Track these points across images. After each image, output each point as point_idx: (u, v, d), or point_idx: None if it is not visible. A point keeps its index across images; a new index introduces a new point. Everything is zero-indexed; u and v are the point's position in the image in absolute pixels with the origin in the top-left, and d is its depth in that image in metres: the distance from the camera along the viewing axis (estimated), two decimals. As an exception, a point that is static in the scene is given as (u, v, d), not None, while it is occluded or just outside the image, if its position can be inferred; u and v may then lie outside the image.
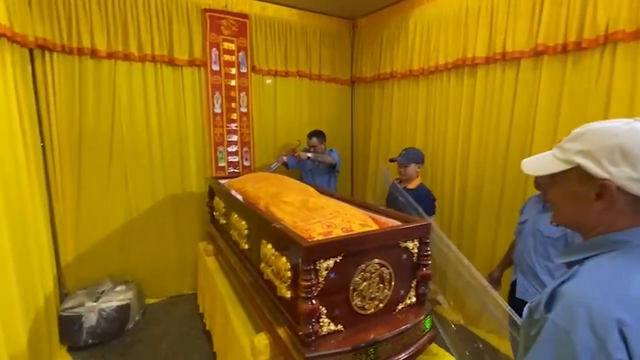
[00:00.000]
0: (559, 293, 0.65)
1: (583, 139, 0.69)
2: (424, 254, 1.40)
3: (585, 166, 0.67)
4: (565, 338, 0.60)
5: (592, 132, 0.69)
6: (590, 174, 0.66)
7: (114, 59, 2.72)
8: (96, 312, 2.52)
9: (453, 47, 2.83)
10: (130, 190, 2.95)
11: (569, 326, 0.60)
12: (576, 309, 0.60)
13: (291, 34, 3.51)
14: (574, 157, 0.69)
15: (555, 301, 0.65)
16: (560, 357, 0.60)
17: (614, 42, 1.96)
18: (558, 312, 0.63)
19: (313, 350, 1.18)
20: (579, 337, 0.58)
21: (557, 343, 0.61)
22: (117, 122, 2.82)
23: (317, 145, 3.18)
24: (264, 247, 1.56)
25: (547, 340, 0.63)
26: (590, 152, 0.67)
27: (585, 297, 0.61)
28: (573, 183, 0.71)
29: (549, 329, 0.63)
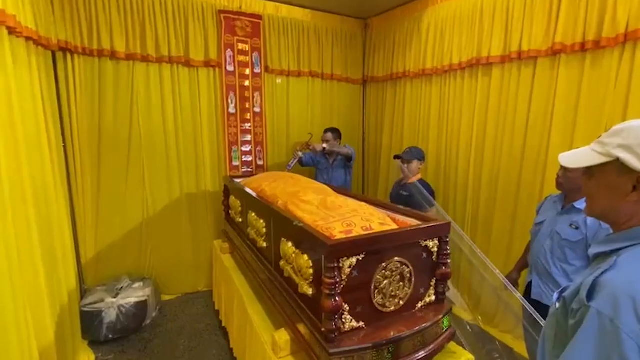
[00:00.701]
0: (601, 283, 0.68)
1: (624, 134, 0.72)
2: (443, 253, 1.41)
3: (625, 159, 0.71)
4: (610, 326, 0.63)
5: (633, 128, 0.72)
6: (630, 167, 0.70)
7: (133, 60, 2.78)
8: (115, 307, 2.59)
9: (467, 46, 2.82)
10: (148, 189, 3.01)
11: (613, 314, 0.63)
12: (620, 297, 0.64)
13: (304, 34, 3.54)
14: (613, 150, 0.73)
15: (597, 291, 0.68)
16: (606, 342, 0.63)
17: (635, 40, 1.94)
18: (601, 301, 0.66)
19: (336, 346, 1.21)
20: (624, 324, 0.62)
21: (602, 330, 0.64)
22: (135, 122, 2.88)
23: (332, 141, 3.18)
24: (284, 245, 1.59)
25: (591, 328, 0.66)
26: (631, 147, 0.70)
27: (628, 286, 0.64)
28: (611, 175, 0.74)
29: (592, 317, 0.66)
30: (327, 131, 3.23)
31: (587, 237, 1.63)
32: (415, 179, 2.55)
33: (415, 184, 2.51)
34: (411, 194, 2.50)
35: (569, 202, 1.74)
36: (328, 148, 3.09)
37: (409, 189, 2.52)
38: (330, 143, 3.17)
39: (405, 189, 2.57)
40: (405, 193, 2.55)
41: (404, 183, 2.60)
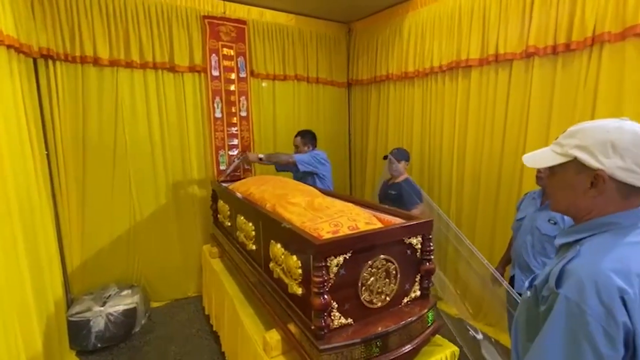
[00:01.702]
0: (568, 271, 0.74)
1: (580, 135, 0.79)
2: (427, 250, 1.47)
3: (581, 158, 0.77)
4: (576, 309, 0.68)
5: (587, 130, 0.78)
6: (586, 165, 0.76)
7: (116, 66, 2.77)
8: (104, 316, 2.56)
9: (447, 49, 2.92)
10: (134, 196, 2.99)
11: (579, 298, 0.69)
12: (585, 283, 0.69)
13: (289, 38, 3.58)
14: (571, 150, 0.79)
15: (564, 278, 0.73)
16: (574, 326, 0.69)
17: (601, 43, 2.06)
18: (568, 287, 0.71)
19: (325, 342, 1.24)
20: (589, 307, 0.67)
21: (570, 314, 0.69)
22: (120, 128, 2.87)
23: (300, 146, 3.02)
24: (273, 247, 1.62)
25: (560, 314, 0.71)
26: (586, 147, 0.76)
27: (591, 272, 0.70)
28: (570, 174, 0.80)
29: (561, 303, 0.71)
30: (297, 135, 3.09)
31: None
32: (402, 178, 2.66)
33: (405, 180, 2.63)
34: (400, 192, 2.60)
35: (547, 199, 1.83)
36: (265, 159, 2.90)
37: (398, 187, 2.63)
38: (297, 149, 3.02)
39: (393, 188, 2.67)
40: (393, 192, 2.65)
41: (392, 182, 2.70)
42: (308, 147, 3.02)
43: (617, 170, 0.73)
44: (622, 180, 0.74)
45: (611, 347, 0.66)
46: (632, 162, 0.72)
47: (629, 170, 0.73)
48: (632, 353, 0.68)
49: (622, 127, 0.75)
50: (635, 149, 0.73)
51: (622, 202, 0.76)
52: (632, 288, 0.67)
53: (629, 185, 0.74)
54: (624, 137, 0.73)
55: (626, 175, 0.73)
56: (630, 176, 0.73)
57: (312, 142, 3.06)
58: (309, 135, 3.06)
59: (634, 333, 0.66)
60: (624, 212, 0.76)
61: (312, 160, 2.85)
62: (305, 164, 2.82)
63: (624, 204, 0.76)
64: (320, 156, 2.91)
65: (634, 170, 0.73)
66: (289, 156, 2.87)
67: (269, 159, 2.92)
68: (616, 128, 0.75)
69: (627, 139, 0.73)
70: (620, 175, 0.73)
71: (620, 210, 0.77)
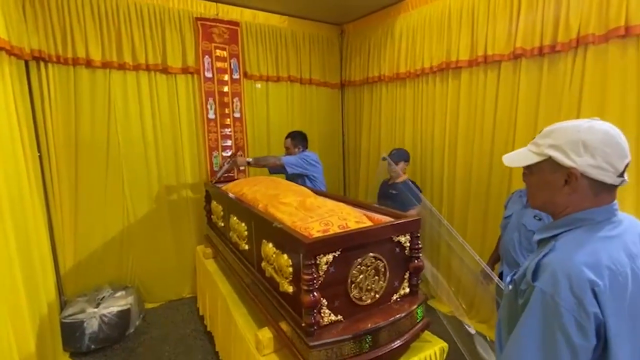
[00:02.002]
0: (543, 265, 0.77)
1: (554, 135, 0.82)
2: (415, 247, 1.50)
3: (555, 157, 0.80)
4: (551, 301, 0.72)
5: (560, 130, 0.82)
6: (560, 163, 0.80)
7: (109, 68, 2.78)
8: (97, 317, 2.56)
9: (437, 51, 2.96)
10: (128, 197, 2.99)
11: (553, 291, 0.72)
12: (558, 276, 0.72)
13: (281, 40, 3.61)
14: (546, 150, 0.82)
15: (540, 272, 0.77)
16: (549, 317, 0.72)
17: (585, 44, 2.11)
18: (543, 281, 0.75)
19: (315, 339, 1.27)
20: (562, 299, 0.70)
21: (545, 306, 0.73)
22: (113, 130, 2.87)
23: (290, 148, 2.99)
24: (265, 247, 1.64)
25: (536, 306, 0.74)
26: (559, 146, 0.80)
27: (565, 265, 0.73)
28: (546, 172, 0.84)
29: (537, 295, 0.74)
30: (287, 137, 3.05)
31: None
32: (403, 178, 2.74)
33: (405, 182, 2.70)
34: (401, 192, 2.68)
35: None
36: (253, 163, 2.90)
37: (399, 187, 2.70)
38: (288, 151, 3.00)
39: (394, 187, 2.74)
40: (394, 192, 2.73)
41: (393, 182, 2.77)
42: (298, 149, 3.00)
43: (589, 168, 0.77)
44: (593, 178, 0.77)
45: (583, 337, 0.69)
46: (602, 160, 0.76)
47: (600, 167, 0.76)
48: (603, 343, 0.71)
49: (593, 127, 0.78)
50: (605, 148, 0.76)
51: (595, 198, 0.80)
52: (602, 280, 0.70)
53: (600, 182, 0.78)
54: (594, 136, 0.77)
55: (597, 173, 0.77)
56: (601, 173, 0.77)
57: (303, 144, 3.03)
58: (299, 137, 3.04)
59: (605, 323, 0.70)
60: (597, 208, 0.80)
61: (301, 162, 2.84)
62: (293, 166, 2.82)
63: (596, 200, 0.80)
64: (311, 157, 2.89)
65: (604, 167, 0.76)
66: (277, 158, 2.86)
67: (258, 162, 2.91)
68: (587, 128, 0.78)
69: (598, 138, 0.77)
70: (592, 173, 0.77)
71: (593, 206, 0.80)
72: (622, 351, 0.71)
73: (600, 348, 0.72)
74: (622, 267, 0.72)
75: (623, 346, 0.71)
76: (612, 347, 0.70)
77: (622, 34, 1.92)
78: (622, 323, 0.71)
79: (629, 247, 0.76)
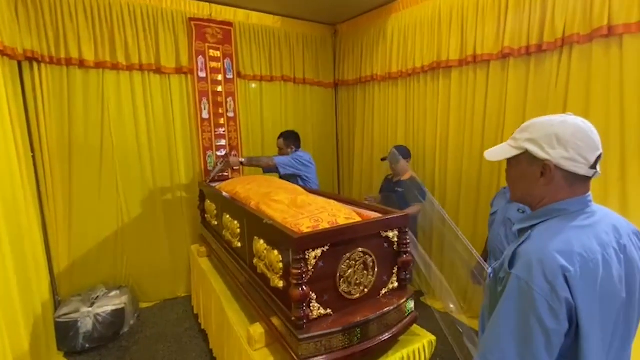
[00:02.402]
0: (519, 253, 0.81)
1: (530, 129, 0.86)
2: (403, 242, 1.53)
3: (531, 150, 0.84)
4: (526, 287, 0.75)
5: (535, 124, 0.86)
6: (536, 156, 0.84)
7: (102, 68, 2.79)
8: (92, 317, 2.57)
9: (428, 51, 3.00)
10: (122, 197, 3.01)
11: (528, 277, 0.75)
12: (533, 262, 0.76)
13: (275, 40, 3.63)
14: (523, 144, 0.86)
15: (516, 260, 0.81)
16: (523, 302, 0.76)
17: (570, 44, 2.15)
18: (519, 268, 0.78)
19: (305, 332, 1.30)
20: (536, 284, 0.74)
21: (520, 291, 0.76)
22: (107, 130, 2.88)
23: (283, 148, 2.99)
24: (257, 243, 1.67)
25: (512, 291, 0.78)
26: (535, 140, 0.84)
27: (538, 253, 0.77)
28: (524, 165, 0.88)
29: (513, 282, 0.78)
30: (279, 137, 3.05)
31: None
32: (408, 176, 2.82)
33: (410, 179, 2.79)
34: (406, 189, 2.76)
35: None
36: (246, 163, 2.90)
37: (404, 185, 2.78)
38: (281, 151, 3.01)
39: (399, 185, 2.82)
40: (400, 189, 2.80)
41: (398, 180, 2.85)
42: (291, 149, 2.99)
43: (562, 160, 0.81)
44: (567, 169, 0.81)
45: (555, 321, 0.73)
46: (574, 152, 0.80)
47: (572, 159, 0.80)
48: (575, 328, 0.75)
49: (566, 121, 0.82)
50: (577, 140, 0.80)
51: (569, 189, 0.83)
52: (573, 266, 0.73)
53: (573, 174, 0.82)
54: (567, 130, 0.81)
55: (570, 165, 0.80)
56: (574, 165, 0.80)
57: (296, 144, 3.03)
58: (291, 137, 3.03)
59: (576, 308, 0.73)
60: (571, 199, 0.84)
61: (293, 162, 2.85)
62: (285, 167, 2.83)
63: (571, 191, 0.84)
64: (304, 158, 2.89)
65: (577, 159, 0.80)
66: (270, 159, 2.88)
67: (251, 162, 2.91)
68: (560, 122, 0.82)
69: (570, 131, 0.80)
70: (565, 165, 0.81)
71: (568, 197, 0.84)
72: (593, 334, 0.74)
73: (573, 333, 0.75)
74: (593, 255, 0.76)
75: (594, 330, 0.74)
76: (583, 331, 0.74)
77: (605, 33, 1.97)
78: (593, 307, 0.74)
79: (601, 236, 0.79)
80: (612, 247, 0.79)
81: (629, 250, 0.81)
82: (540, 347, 0.73)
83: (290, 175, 2.87)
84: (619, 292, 0.78)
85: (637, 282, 0.82)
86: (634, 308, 0.82)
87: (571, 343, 0.76)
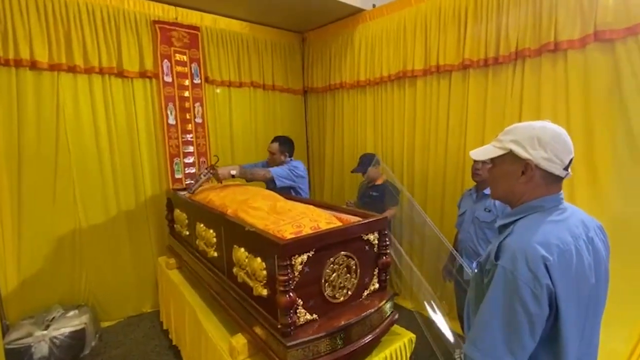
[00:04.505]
0: (504, 246, 0.88)
1: (514, 132, 0.96)
2: (383, 244, 1.59)
3: (515, 150, 0.93)
4: (511, 276, 0.83)
5: (519, 128, 0.96)
6: (518, 156, 0.92)
7: (57, 70, 2.60)
8: (47, 340, 2.36)
9: (395, 60, 3.14)
10: (80, 208, 2.80)
11: (512, 267, 0.83)
12: (516, 253, 0.84)
13: (243, 45, 3.60)
14: (507, 145, 0.95)
15: (501, 252, 0.88)
16: (509, 290, 0.83)
17: (523, 57, 2.36)
18: (504, 259, 0.86)
19: (292, 339, 1.29)
20: (520, 273, 0.82)
21: (506, 281, 0.84)
22: (62, 136, 2.68)
23: (276, 153, 2.78)
24: (237, 252, 1.64)
25: (499, 281, 0.85)
26: (519, 141, 0.93)
27: (521, 244, 0.85)
28: (507, 164, 0.97)
29: (499, 272, 0.85)
30: (274, 141, 2.84)
31: (499, 216, 1.96)
32: (381, 180, 2.91)
33: (384, 184, 2.89)
34: (381, 193, 2.86)
35: (481, 191, 2.06)
36: (238, 175, 2.48)
37: (379, 189, 2.88)
38: (272, 157, 2.80)
39: (375, 189, 2.90)
40: (375, 193, 2.89)
41: (373, 184, 2.93)
42: (285, 156, 2.78)
43: (542, 160, 0.90)
44: (545, 169, 0.91)
45: (538, 306, 0.81)
46: (552, 154, 0.90)
47: (550, 160, 0.90)
48: (555, 312, 0.83)
49: (546, 127, 0.93)
50: (555, 144, 0.90)
51: (546, 188, 0.93)
52: (552, 256, 0.82)
53: (550, 174, 0.91)
54: (546, 133, 0.91)
55: (548, 165, 0.90)
56: (552, 166, 0.90)
57: (290, 151, 2.82)
58: (288, 143, 2.82)
59: (555, 293, 0.82)
60: (547, 197, 0.93)
61: (290, 174, 2.63)
62: (283, 179, 2.59)
63: (547, 189, 0.93)
64: (299, 168, 2.69)
65: (554, 160, 0.90)
66: (266, 171, 2.58)
67: (244, 175, 2.53)
68: (541, 127, 0.93)
69: (549, 135, 0.91)
70: (544, 165, 0.90)
71: (544, 195, 0.94)
72: (570, 317, 0.84)
73: (553, 317, 0.84)
74: (568, 246, 0.85)
75: (570, 312, 0.84)
76: (561, 314, 0.83)
77: (552, 48, 2.19)
78: (569, 292, 0.83)
79: (572, 229, 0.89)
80: (582, 239, 0.89)
81: (596, 242, 0.92)
82: (525, 331, 0.81)
83: (287, 187, 2.65)
84: (589, 279, 0.88)
85: (602, 269, 0.93)
86: (600, 292, 0.93)
87: (550, 327, 0.84)
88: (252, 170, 2.60)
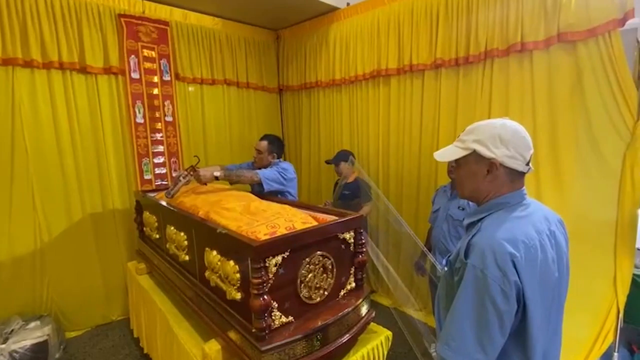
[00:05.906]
0: (473, 244, 0.89)
1: (476, 131, 0.96)
2: (359, 243, 1.58)
3: (479, 150, 0.93)
4: (481, 274, 0.83)
5: (480, 127, 0.96)
6: (482, 155, 0.93)
7: (12, 65, 2.42)
8: (6, 355, 2.20)
9: (369, 59, 3.15)
10: (40, 212, 2.62)
11: (482, 265, 0.84)
12: (485, 252, 0.84)
13: (215, 42, 3.50)
14: (471, 145, 0.95)
15: (470, 250, 0.88)
16: (479, 288, 0.84)
17: (492, 57, 2.43)
18: (474, 257, 0.86)
19: (267, 343, 1.26)
20: (489, 271, 0.82)
21: (476, 279, 0.84)
22: (19, 135, 2.50)
23: (264, 153, 2.58)
24: (209, 255, 1.58)
25: (469, 280, 0.86)
26: (482, 141, 0.93)
27: (489, 243, 0.86)
28: (471, 164, 0.97)
29: (469, 271, 0.86)
30: (263, 139, 2.64)
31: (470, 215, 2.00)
32: (352, 178, 2.92)
33: (355, 181, 2.90)
34: (352, 191, 2.87)
35: (455, 190, 2.10)
36: (223, 177, 2.26)
37: (350, 187, 2.89)
38: (259, 155, 2.61)
39: (346, 187, 2.90)
40: (347, 192, 2.89)
41: (344, 182, 2.92)
42: (273, 157, 2.60)
43: (505, 158, 0.91)
44: (509, 166, 0.92)
45: (507, 303, 0.82)
46: (514, 151, 0.91)
47: (513, 157, 0.91)
48: (522, 307, 0.85)
49: (505, 124, 0.94)
50: (516, 141, 0.91)
51: (510, 184, 0.95)
52: (519, 252, 0.84)
53: (513, 170, 0.93)
54: (507, 131, 0.92)
55: (512, 162, 0.92)
56: (515, 163, 0.92)
57: (279, 152, 2.65)
58: (277, 143, 2.64)
59: (522, 289, 0.83)
60: (511, 193, 0.95)
61: (280, 177, 2.44)
62: (271, 182, 2.38)
63: (511, 186, 0.95)
64: (288, 171, 2.51)
65: (517, 157, 0.91)
66: (254, 173, 2.38)
67: (229, 177, 2.30)
68: (501, 125, 0.94)
69: (510, 132, 0.92)
70: (508, 162, 0.92)
71: (509, 191, 0.95)
72: (536, 311, 0.85)
73: (520, 312, 0.85)
74: (533, 241, 0.87)
75: (537, 306, 0.85)
76: (529, 308, 0.84)
77: (519, 49, 2.27)
78: (535, 287, 0.85)
79: (536, 224, 0.91)
80: (545, 233, 0.91)
81: (557, 236, 0.95)
82: (495, 327, 0.82)
83: (275, 191, 2.47)
84: (553, 272, 0.90)
85: (564, 263, 0.96)
86: (562, 284, 0.95)
87: (519, 321, 0.86)
88: (237, 172, 2.39)
